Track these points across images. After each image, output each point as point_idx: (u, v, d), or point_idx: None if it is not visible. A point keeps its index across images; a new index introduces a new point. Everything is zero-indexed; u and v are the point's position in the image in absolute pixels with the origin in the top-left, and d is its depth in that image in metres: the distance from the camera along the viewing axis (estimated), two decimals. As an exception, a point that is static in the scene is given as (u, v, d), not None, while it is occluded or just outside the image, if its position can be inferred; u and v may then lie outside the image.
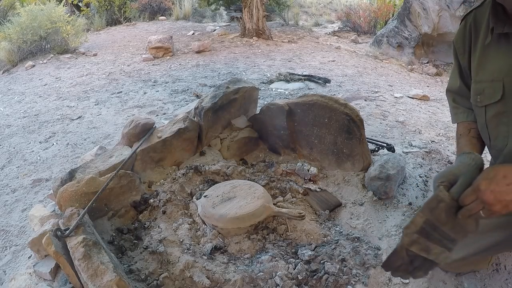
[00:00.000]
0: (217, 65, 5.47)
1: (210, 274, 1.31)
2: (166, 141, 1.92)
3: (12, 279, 1.47)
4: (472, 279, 1.35)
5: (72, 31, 6.78)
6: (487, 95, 1.08)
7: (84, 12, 10.04)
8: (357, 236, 1.56)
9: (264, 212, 1.53)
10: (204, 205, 1.59)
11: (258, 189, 1.67)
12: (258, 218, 1.52)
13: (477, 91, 1.12)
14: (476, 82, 1.12)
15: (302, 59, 5.87)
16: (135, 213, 1.69)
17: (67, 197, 1.53)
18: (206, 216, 1.56)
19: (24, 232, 2.05)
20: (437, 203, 0.91)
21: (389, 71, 5.55)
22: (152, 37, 6.13)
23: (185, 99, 3.92)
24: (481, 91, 1.09)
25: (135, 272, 1.35)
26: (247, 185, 1.71)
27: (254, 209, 1.52)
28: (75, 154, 2.85)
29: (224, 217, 1.50)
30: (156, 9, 10.66)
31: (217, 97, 2.07)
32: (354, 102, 3.53)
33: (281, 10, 9.44)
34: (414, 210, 1.67)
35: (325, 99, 1.93)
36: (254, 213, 1.51)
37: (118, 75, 5.12)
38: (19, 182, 2.58)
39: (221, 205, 1.57)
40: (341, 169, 1.95)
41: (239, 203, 1.56)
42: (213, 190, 1.70)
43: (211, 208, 1.56)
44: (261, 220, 1.54)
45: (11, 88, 5.09)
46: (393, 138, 2.64)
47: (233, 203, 1.57)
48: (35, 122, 3.65)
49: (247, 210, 1.51)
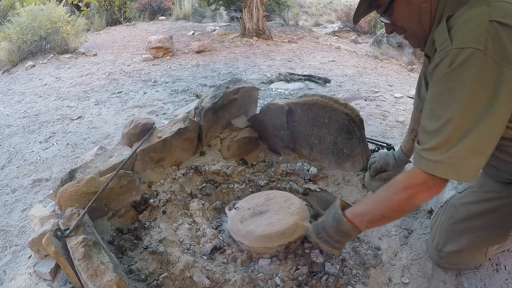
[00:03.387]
0: (217, 65, 5.47)
1: (210, 274, 1.31)
2: (166, 141, 1.92)
3: (12, 279, 1.47)
4: (472, 279, 1.35)
5: (72, 31, 6.78)
6: None
7: (84, 12, 10.04)
8: (357, 236, 1.56)
9: (297, 231, 1.33)
10: (233, 218, 1.45)
11: (295, 203, 1.47)
12: (288, 238, 1.32)
13: None
14: None
15: (302, 59, 5.87)
16: (135, 213, 1.69)
17: (67, 197, 1.53)
18: (233, 231, 1.42)
19: (24, 232, 2.05)
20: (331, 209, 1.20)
21: (389, 71, 5.55)
22: (152, 37, 6.13)
23: (185, 99, 3.92)
24: None
25: (135, 272, 1.35)
26: (283, 197, 1.52)
27: (284, 227, 1.33)
28: (75, 154, 2.85)
29: (251, 234, 1.34)
30: (156, 9, 10.66)
31: (217, 97, 2.07)
32: (354, 102, 3.53)
33: (281, 10, 9.44)
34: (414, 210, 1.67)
35: (325, 99, 1.93)
36: (284, 231, 1.32)
37: (118, 75, 5.12)
38: (19, 182, 2.58)
39: (250, 220, 1.41)
40: (341, 169, 1.95)
41: (269, 219, 1.39)
42: (246, 201, 1.55)
43: (238, 223, 1.41)
44: (292, 240, 1.33)
45: (11, 88, 5.09)
46: (393, 138, 2.64)
47: (264, 218, 1.40)
48: (35, 122, 3.65)
49: (276, 228, 1.33)
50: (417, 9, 1.07)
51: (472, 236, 1.27)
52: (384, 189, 1.08)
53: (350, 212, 1.14)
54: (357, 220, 1.11)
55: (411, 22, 1.10)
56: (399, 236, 1.53)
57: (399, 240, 1.51)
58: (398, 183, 1.03)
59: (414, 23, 1.10)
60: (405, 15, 1.10)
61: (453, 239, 1.29)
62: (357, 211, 1.13)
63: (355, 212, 1.13)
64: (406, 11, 1.08)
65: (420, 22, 1.09)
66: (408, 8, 1.08)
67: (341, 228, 1.13)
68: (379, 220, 1.10)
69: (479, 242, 1.28)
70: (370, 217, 1.10)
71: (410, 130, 1.59)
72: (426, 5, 1.06)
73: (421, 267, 1.38)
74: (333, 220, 1.16)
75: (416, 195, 1.00)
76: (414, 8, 1.07)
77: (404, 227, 1.58)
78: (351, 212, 1.14)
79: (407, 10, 1.08)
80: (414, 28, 1.12)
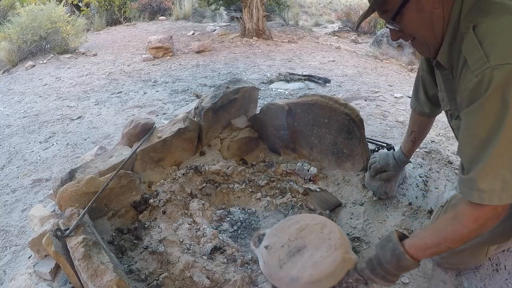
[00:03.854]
0: (217, 65, 5.47)
1: (210, 274, 1.32)
2: (166, 141, 1.92)
3: (12, 279, 1.47)
4: (472, 279, 1.35)
5: (72, 31, 6.79)
6: (445, 103, 1.22)
7: (84, 12, 10.04)
8: (357, 236, 1.56)
9: (345, 268, 1.17)
10: (268, 263, 1.23)
11: (333, 231, 1.27)
12: (339, 277, 1.15)
13: (440, 98, 1.26)
14: (439, 91, 1.25)
15: (302, 59, 5.87)
16: (135, 213, 1.69)
17: (67, 197, 1.53)
18: (273, 278, 1.21)
19: (24, 232, 2.05)
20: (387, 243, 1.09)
21: (389, 71, 5.55)
22: (152, 37, 6.13)
23: (185, 99, 3.92)
24: (442, 99, 1.23)
25: (135, 272, 1.35)
26: (318, 225, 1.30)
27: (333, 266, 1.15)
28: (75, 154, 2.85)
29: (297, 281, 1.15)
30: (156, 9, 10.67)
31: (217, 97, 2.07)
32: (354, 102, 3.53)
33: (281, 10, 9.44)
34: (414, 210, 1.67)
35: (325, 99, 1.93)
36: (333, 272, 1.15)
37: (118, 75, 5.13)
38: (19, 182, 2.58)
39: (290, 262, 1.21)
40: (341, 169, 1.95)
41: (312, 257, 1.21)
42: (276, 234, 1.31)
43: (278, 268, 1.20)
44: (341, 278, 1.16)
45: (11, 88, 5.09)
46: (393, 138, 2.64)
47: (305, 258, 1.21)
48: (35, 122, 3.65)
49: (324, 269, 1.15)
50: (430, 16, 1.00)
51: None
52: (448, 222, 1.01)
53: (411, 247, 1.04)
54: (419, 254, 1.04)
55: (422, 29, 1.04)
56: (399, 236, 1.53)
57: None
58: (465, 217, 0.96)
59: (426, 30, 1.03)
60: (416, 21, 1.02)
61: None
62: (419, 245, 1.04)
63: (417, 247, 1.04)
64: (417, 17, 1.01)
65: (432, 30, 1.02)
66: (420, 14, 1.00)
67: (402, 264, 1.05)
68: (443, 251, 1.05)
69: (481, 242, 1.27)
70: (435, 250, 1.04)
71: (409, 132, 1.58)
72: (439, 11, 0.99)
73: (421, 267, 1.38)
74: (392, 256, 1.06)
75: (486, 224, 0.96)
76: (426, 14, 1.00)
77: (404, 227, 1.58)
78: (412, 246, 1.05)
79: (419, 16, 1.01)
80: (425, 36, 1.05)
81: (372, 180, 1.74)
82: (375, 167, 1.69)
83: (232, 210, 1.75)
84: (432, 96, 1.40)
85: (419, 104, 1.47)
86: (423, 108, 1.46)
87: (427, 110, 1.45)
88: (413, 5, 0.99)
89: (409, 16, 1.02)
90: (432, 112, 1.46)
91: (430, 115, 1.49)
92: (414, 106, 1.51)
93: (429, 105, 1.44)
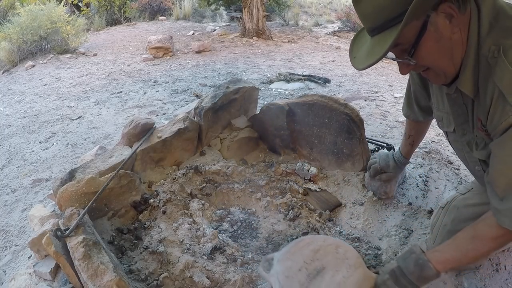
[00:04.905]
0: (217, 65, 5.47)
1: (210, 274, 1.31)
2: (166, 141, 1.92)
3: (12, 279, 1.47)
4: (472, 279, 1.35)
5: (72, 31, 6.79)
6: (445, 124, 1.18)
7: (84, 12, 10.05)
8: (357, 236, 1.56)
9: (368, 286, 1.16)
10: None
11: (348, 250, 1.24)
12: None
13: (437, 118, 1.23)
14: (436, 110, 1.22)
15: (302, 59, 5.87)
16: (135, 213, 1.69)
17: (67, 197, 1.53)
18: None
19: (24, 232, 2.05)
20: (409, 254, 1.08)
21: (389, 71, 5.54)
22: (152, 37, 6.13)
23: (185, 99, 3.92)
24: (440, 119, 1.20)
25: (135, 272, 1.35)
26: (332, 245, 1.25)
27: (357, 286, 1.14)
28: (75, 154, 2.86)
29: None
30: (156, 9, 10.67)
31: (217, 97, 2.07)
32: (354, 102, 3.53)
33: (281, 10, 9.44)
34: (414, 210, 1.67)
35: (325, 99, 1.92)
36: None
37: (118, 75, 5.13)
38: (19, 182, 2.58)
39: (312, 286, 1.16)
40: (341, 169, 1.95)
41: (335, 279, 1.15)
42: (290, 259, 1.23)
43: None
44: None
45: (11, 88, 5.09)
46: (393, 138, 2.64)
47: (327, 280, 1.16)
48: (35, 122, 3.65)
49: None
50: (449, 43, 0.90)
51: None
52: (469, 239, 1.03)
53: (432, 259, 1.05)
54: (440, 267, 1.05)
55: (440, 60, 0.94)
56: (399, 236, 1.53)
57: (399, 240, 1.51)
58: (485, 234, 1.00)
59: (445, 60, 0.93)
60: (434, 52, 0.92)
61: None
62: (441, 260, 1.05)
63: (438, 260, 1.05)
64: (435, 48, 0.91)
65: (451, 58, 0.93)
66: (439, 44, 0.90)
67: (424, 274, 1.04)
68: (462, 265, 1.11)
69: None
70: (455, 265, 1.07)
71: (407, 136, 1.57)
72: (457, 35, 0.90)
73: (421, 267, 1.38)
74: (416, 265, 1.05)
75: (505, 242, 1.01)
76: (445, 42, 0.90)
77: (404, 227, 1.58)
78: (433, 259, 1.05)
79: (437, 46, 0.90)
80: (443, 65, 0.95)
81: (372, 180, 1.74)
82: (375, 168, 1.69)
83: (232, 210, 1.75)
84: (425, 107, 1.37)
85: (413, 113, 1.46)
86: (417, 116, 1.44)
87: (421, 118, 1.44)
88: (431, 34, 0.88)
89: (426, 47, 0.90)
90: (426, 119, 1.44)
91: (425, 121, 1.48)
92: (407, 114, 1.49)
93: (422, 114, 1.42)
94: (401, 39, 0.88)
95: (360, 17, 0.94)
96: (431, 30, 0.87)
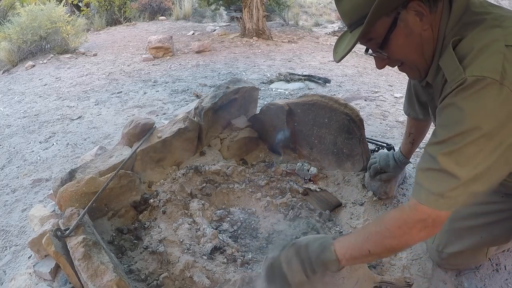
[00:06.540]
0: (217, 65, 5.47)
1: (210, 274, 1.31)
2: (166, 141, 1.92)
3: (12, 279, 1.47)
4: (472, 279, 1.35)
5: (72, 31, 6.79)
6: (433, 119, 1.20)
7: (84, 12, 10.05)
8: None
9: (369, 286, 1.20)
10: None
11: None
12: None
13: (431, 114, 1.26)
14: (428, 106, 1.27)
15: (302, 59, 5.87)
16: (135, 213, 1.69)
17: (67, 197, 1.53)
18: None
19: (24, 232, 2.05)
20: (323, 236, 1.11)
21: (389, 71, 5.54)
22: (152, 37, 6.13)
23: (185, 99, 3.92)
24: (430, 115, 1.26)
25: (135, 272, 1.36)
26: None
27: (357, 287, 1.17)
28: (75, 154, 2.85)
29: None
30: (156, 9, 10.66)
31: (217, 97, 2.07)
32: (354, 102, 3.53)
33: (281, 10, 9.44)
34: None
35: (325, 99, 1.93)
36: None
37: (118, 75, 5.13)
38: (19, 182, 2.58)
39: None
40: (341, 169, 1.95)
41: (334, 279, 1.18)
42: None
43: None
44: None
45: (11, 88, 5.09)
46: (393, 138, 2.64)
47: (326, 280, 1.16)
48: (35, 122, 3.65)
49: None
50: (419, 39, 0.94)
51: (474, 237, 1.26)
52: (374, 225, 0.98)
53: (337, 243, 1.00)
54: (341, 253, 0.98)
55: (411, 54, 0.98)
56: (399, 236, 1.53)
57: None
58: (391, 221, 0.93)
59: (415, 54, 0.98)
60: (404, 47, 0.96)
61: (454, 240, 1.29)
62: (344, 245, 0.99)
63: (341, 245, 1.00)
64: (405, 42, 0.95)
65: (422, 53, 0.97)
66: (408, 39, 0.94)
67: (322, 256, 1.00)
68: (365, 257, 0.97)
69: (481, 243, 1.27)
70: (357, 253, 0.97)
71: (407, 134, 1.58)
72: (428, 32, 0.94)
73: (421, 267, 1.38)
74: (319, 245, 1.02)
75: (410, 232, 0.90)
76: (415, 38, 0.94)
77: (404, 227, 1.58)
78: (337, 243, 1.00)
79: (407, 41, 0.95)
80: (415, 60, 1.00)
81: (372, 180, 1.74)
82: (375, 168, 1.69)
83: (232, 210, 1.75)
84: (424, 103, 1.38)
85: (413, 111, 1.47)
86: (417, 114, 1.46)
87: (421, 116, 1.45)
88: (401, 30, 0.93)
89: (396, 42, 0.95)
90: (426, 117, 1.45)
91: (426, 119, 1.49)
92: (408, 112, 1.51)
93: (423, 111, 1.43)
94: (373, 33, 0.95)
95: (341, 15, 1.00)
96: (401, 26, 0.93)
